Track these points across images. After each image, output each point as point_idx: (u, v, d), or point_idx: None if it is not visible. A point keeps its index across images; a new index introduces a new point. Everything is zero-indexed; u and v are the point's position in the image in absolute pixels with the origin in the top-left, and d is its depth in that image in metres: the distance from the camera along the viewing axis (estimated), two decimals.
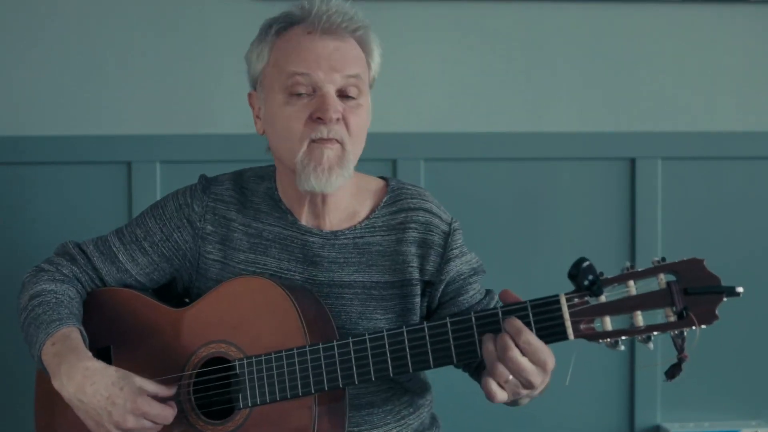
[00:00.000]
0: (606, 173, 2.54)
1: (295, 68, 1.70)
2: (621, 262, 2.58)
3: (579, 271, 1.49)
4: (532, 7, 2.52)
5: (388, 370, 1.60)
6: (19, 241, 2.45)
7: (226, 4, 2.47)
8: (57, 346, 1.67)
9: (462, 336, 1.56)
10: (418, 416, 1.85)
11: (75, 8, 2.47)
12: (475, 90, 2.53)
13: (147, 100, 2.49)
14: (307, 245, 1.79)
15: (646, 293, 1.48)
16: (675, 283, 1.47)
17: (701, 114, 2.56)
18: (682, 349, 1.48)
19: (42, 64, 2.47)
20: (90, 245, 1.86)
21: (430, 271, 1.79)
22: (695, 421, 2.55)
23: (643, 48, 2.55)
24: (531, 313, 1.53)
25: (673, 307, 1.46)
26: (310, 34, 1.72)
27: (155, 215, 1.85)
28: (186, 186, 1.87)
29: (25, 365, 2.05)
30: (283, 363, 1.63)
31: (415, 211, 1.80)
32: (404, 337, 1.59)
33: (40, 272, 1.82)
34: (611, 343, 1.49)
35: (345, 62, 1.71)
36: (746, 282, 2.51)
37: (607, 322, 1.49)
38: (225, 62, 2.48)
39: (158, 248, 1.83)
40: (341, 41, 1.72)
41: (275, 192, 1.83)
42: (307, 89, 1.70)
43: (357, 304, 1.77)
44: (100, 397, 1.61)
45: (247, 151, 2.43)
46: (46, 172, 2.47)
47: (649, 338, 1.48)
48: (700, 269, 1.48)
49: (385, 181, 1.86)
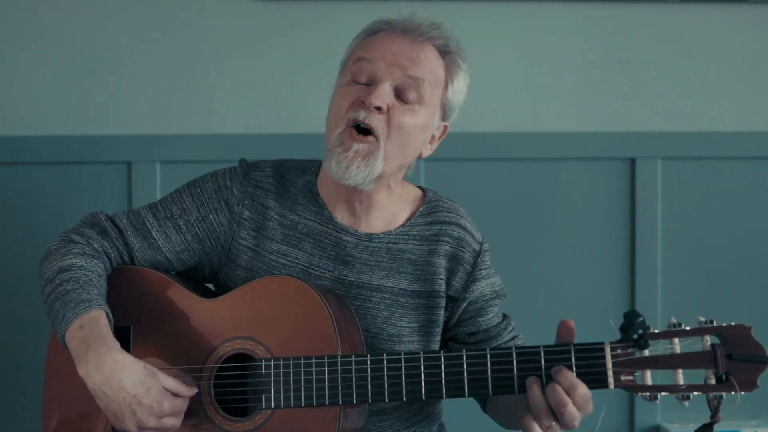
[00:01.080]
0: (606, 173, 2.54)
1: (363, 53, 1.71)
2: (621, 262, 2.60)
3: (632, 325, 1.49)
4: (532, 7, 2.52)
5: (421, 392, 1.58)
6: (19, 241, 2.45)
7: (226, 4, 2.47)
8: (85, 330, 1.62)
9: (501, 370, 1.56)
10: (428, 425, 1.85)
11: (75, 8, 2.47)
12: (475, 90, 2.52)
13: (147, 100, 2.48)
14: (340, 243, 1.78)
15: (690, 353, 1.49)
16: (720, 347, 1.48)
17: (701, 114, 2.56)
18: (717, 411, 1.50)
19: (42, 64, 2.47)
20: (123, 219, 1.81)
21: (455, 287, 1.79)
22: (695, 421, 2.54)
23: (643, 48, 2.55)
24: (574, 357, 1.53)
25: (714, 369, 1.48)
26: (388, 29, 1.73)
27: (193, 194, 1.81)
28: (225, 168, 1.84)
29: (27, 364, 2.05)
30: (312, 369, 1.61)
31: (450, 225, 1.81)
32: (441, 362, 1.58)
33: (69, 243, 1.75)
34: (649, 397, 1.50)
35: (412, 63, 1.71)
36: (746, 282, 2.53)
37: (648, 375, 1.50)
38: (225, 62, 2.48)
39: (192, 228, 1.80)
40: (418, 45, 1.72)
41: (314, 186, 1.81)
42: (368, 78, 1.70)
43: (383, 308, 1.77)
44: (126, 394, 1.58)
45: (247, 151, 2.43)
46: (46, 172, 2.46)
47: (687, 397, 1.50)
48: (747, 336, 1.49)
49: (423, 191, 1.86)
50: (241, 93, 2.49)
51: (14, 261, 2.41)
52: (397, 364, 1.59)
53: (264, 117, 2.47)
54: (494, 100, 2.53)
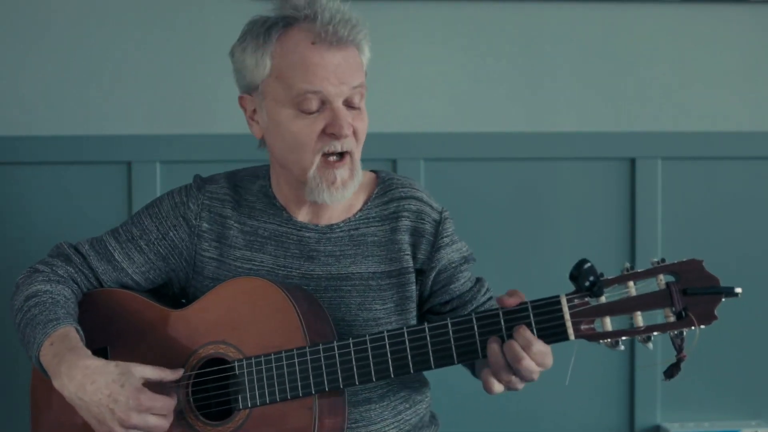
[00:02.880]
0: (606, 173, 2.54)
1: (306, 86, 1.68)
2: (621, 262, 2.58)
3: (580, 272, 1.50)
4: (532, 7, 2.52)
5: (389, 371, 1.60)
6: (19, 241, 2.45)
7: (226, 4, 2.47)
8: (56, 346, 1.66)
9: (463, 337, 1.57)
10: (416, 412, 1.85)
11: (75, 8, 2.47)
12: (475, 90, 2.53)
13: (147, 100, 2.49)
14: (303, 241, 1.79)
15: (646, 294, 1.49)
16: (674, 284, 1.48)
17: (701, 114, 2.56)
18: (681, 349, 1.49)
19: (42, 64, 2.47)
20: (86, 245, 1.86)
21: (421, 259, 1.80)
22: (695, 421, 2.55)
23: (643, 48, 2.55)
24: (532, 314, 1.54)
25: (672, 307, 1.48)
26: (315, 45, 1.69)
27: (151, 214, 1.85)
28: (181, 186, 1.87)
29: (25, 365, 2.05)
30: (283, 363, 1.63)
31: (407, 200, 1.81)
32: (405, 338, 1.59)
33: (35, 273, 1.82)
34: (611, 344, 1.50)
35: (351, 73, 1.71)
36: (746, 282, 2.52)
37: (607, 322, 1.50)
38: (225, 62, 2.47)
39: (154, 246, 1.83)
40: (345, 51, 1.71)
41: (269, 189, 1.84)
42: (317, 104, 1.70)
43: (355, 295, 1.78)
44: (101, 395, 1.60)
45: (246, 151, 2.42)
46: (46, 172, 2.47)
47: (648, 338, 1.49)
48: (699, 270, 1.49)
49: (375, 174, 1.87)
50: None
51: (14, 261, 2.41)
52: (364, 347, 1.61)
53: None
54: (494, 100, 2.53)
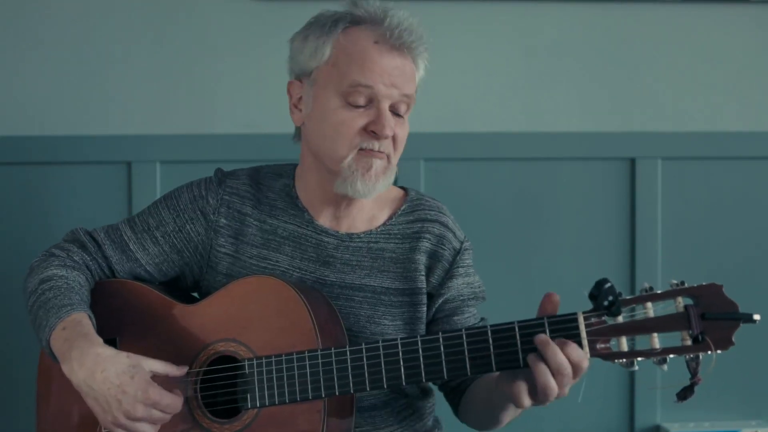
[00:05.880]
0: (606, 173, 2.54)
1: (360, 79, 1.69)
2: (621, 262, 2.60)
3: (600, 291, 1.49)
4: (532, 7, 2.52)
5: (401, 378, 1.58)
6: (19, 241, 2.45)
7: (226, 4, 2.47)
8: (68, 331, 1.64)
9: (478, 349, 1.55)
10: (420, 418, 1.85)
11: (75, 8, 2.47)
12: (475, 90, 2.53)
13: (147, 100, 2.49)
14: (321, 245, 1.79)
15: (664, 315, 1.48)
16: (693, 307, 1.47)
17: (701, 114, 2.56)
18: (696, 373, 1.48)
19: (42, 64, 2.47)
20: (101, 233, 1.84)
21: (433, 283, 1.80)
22: (695, 421, 2.55)
23: (643, 48, 2.55)
24: (548, 330, 1.53)
25: (690, 330, 1.47)
26: (378, 44, 1.71)
27: (169, 205, 1.83)
28: (201, 178, 1.86)
29: (25, 363, 2.05)
30: (294, 365, 1.62)
31: (432, 222, 1.81)
32: (419, 346, 1.58)
33: (51, 257, 1.80)
34: (626, 363, 1.49)
35: (405, 81, 1.72)
36: (746, 282, 2.53)
37: (623, 342, 1.49)
38: (225, 62, 2.48)
39: (170, 239, 1.82)
40: (404, 59, 1.72)
41: (292, 189, 1.83)
42: (365, 100, 1.70)
43: (366, 307, 1.77)
44: (110, 384, 1.59)
45: (247, 151, 2.43)
46: (46, 172, 2.47)
47: (664, 360, 1.48)
48: (719, 295, 1.48)
49: (405, 191, 1.87)
50: (241, 93, 2.49)
51: (14, 261, 2.41)
52: (376, 353, 1.59)
53: (264, 117, 2.47)
54: (494, 100, 2.53)
